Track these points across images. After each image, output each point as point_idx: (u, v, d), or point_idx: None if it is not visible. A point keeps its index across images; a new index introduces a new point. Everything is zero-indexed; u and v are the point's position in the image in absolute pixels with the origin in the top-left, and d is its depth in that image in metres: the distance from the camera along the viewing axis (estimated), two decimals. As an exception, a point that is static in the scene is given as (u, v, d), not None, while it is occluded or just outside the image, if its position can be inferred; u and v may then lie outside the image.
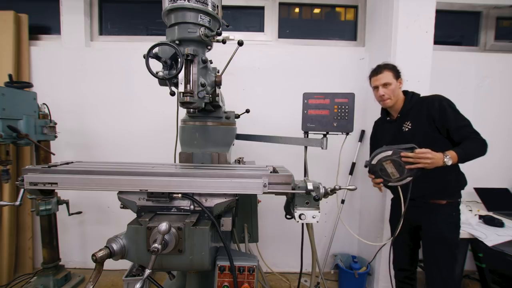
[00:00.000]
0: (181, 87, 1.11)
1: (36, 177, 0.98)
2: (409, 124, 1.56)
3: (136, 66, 2.38)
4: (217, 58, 1.51)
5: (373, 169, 1.39)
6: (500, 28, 2.61)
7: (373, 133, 1.86)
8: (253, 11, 2.62)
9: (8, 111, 1.74)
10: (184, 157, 1.47)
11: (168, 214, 1.00)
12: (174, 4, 1.10)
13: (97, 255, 0.83)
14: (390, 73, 1.57)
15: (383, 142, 1.59)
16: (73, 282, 2.18)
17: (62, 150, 2.39)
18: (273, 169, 1.15)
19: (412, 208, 1.54)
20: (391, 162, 1.33)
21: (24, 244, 2.44)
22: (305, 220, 1.02)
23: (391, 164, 1.33)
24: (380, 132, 1.78)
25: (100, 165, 1.20)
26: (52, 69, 2.43)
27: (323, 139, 1.50)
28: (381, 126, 1.78)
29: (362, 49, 2.55)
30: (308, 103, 1.56)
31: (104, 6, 2.60)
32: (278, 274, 2.55)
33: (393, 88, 1.57)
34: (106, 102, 2.47)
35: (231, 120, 1.59)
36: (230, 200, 1.02)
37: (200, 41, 1.14)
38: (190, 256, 0.92)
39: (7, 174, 1.79)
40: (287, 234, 2.56)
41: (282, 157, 2.43)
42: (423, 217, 1.58)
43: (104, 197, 2.48)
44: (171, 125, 1.73)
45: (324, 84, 2.49)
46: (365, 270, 2.27)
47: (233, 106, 1.81)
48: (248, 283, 0.98)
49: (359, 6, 2.59)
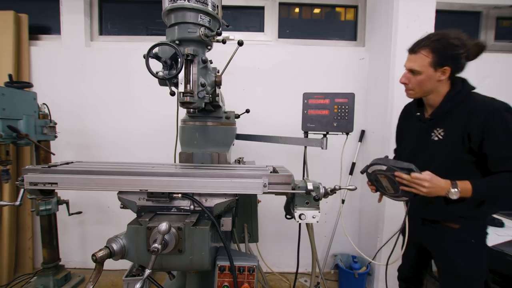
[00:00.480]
0: (181, 87, 1.11)
1: (36, 177, 0.98)
2: (441, 133, 1.17)
3: (136, 66, 2.38)
4: (217, 58, 1.51)
5: (368, 177, 1.28)
6: (500, 28, 2.61)
7: (398, 124, 1.50)
8: (253, 11, 2.62)
9: (8, 111, 1.74)
10: (184, 157, 1.47)
11: (168, 214, 1.00)
12: (174, 4, 1.10)
13: (97, 255, 0.84)
14: (427, 58, 1.12)
15: (406, 141, 1.35)
16: (73, 282, 2.18)
17: (62, 150, 2.38)
18: (273, 169, 1.15)
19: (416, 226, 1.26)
20: (386, 178, 1.19)
21: (24, 244, 2.44)
22: (305, 220, 1.02)
23: (385, 179, 1.19)
24: (406, 126, 1.41)
25: (100, 165, 1.20)
26: (52, 69, 2.43)
27: (323, 139, 1.50)
28: (410, 117, 1.38)
29: (362, 49, 2.55)
30: (308, 103, 1.56)
31: (104, 6, 2.60)
32: (278, 274, 2.55)
33: (422, 80, 1.15)
34: (106, 102, 2.47)
35: (231, 120, 1.59)
36: (230, 200, 1.02)
37: (200, 41, 1.14)
38: (190, 256, 0.92)
39: (7, 174, 1.79)
40: (287, 234, 2.55)
41: (282, 157, 2.43)
42: (431, 240, 1.28)
43: (104, 197, 2.48)
44: (171, 125, 1.73)
45: (324, 84, 2.49)
46: (365, 270, 2.27)
47: (233, 106, 1.81)
48: (248, 283, 0.99)
49: (359, 6, 2.59)
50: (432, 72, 1.13)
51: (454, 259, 1.18)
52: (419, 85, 1.18)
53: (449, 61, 1.12)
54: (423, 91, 1.19)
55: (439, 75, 1.13)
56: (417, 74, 1.16)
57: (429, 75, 1.14)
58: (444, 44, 1.11)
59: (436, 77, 1.14)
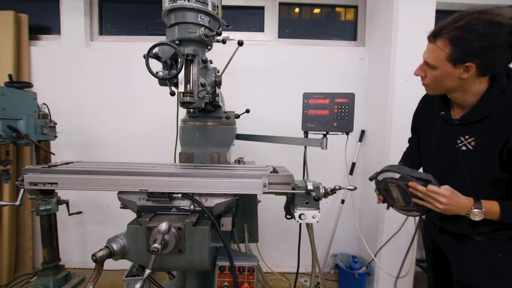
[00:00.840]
0: (181, 87, 1.11)
1: (36, 177, 0.98)
2: (471, 142, 0.96)
3: (136, 66, 2.38)
4: (217, 58, 1.51)
5: (377, 185, 1.14)
6: (500, 28, 2.61)
7: (417, 111, 1.26)
8: (253, 11, 2.62)
9: (8, 111, 1.74)
10: (184, 157, 1.47)
11: (168, 214, 1.00)
12: (174, 4, 1.10)
13: (97, 255, 0.83)
14: (443, 51, 0.88)
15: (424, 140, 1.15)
16: (73, 282, 2.18)
17: (62, 150, 2.38)
18: (273, 169, 1.15)
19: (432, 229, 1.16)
20: (397, 187, 1.05)
21: (24, 244, 2.44)
22: (305, 220, 1.02)
23: (397, 189, 1.05)
24: (425, 123, 1.17)
25: (100, 165, 1.20)
26: (52, 69, 2.43)
27: (323, 139, 1.50)
28: (432, 111, 1.13)
29: (362, 49, 2.55)
30: (308, 103, 1.56)
31: (104, 6, 2.60)
32: (278, 274, 2.55)
33: (438, 76, 0.93)
34: (106, 102, 2.47)
35: (231, 120, 1.59)
36: (230, 200, 1.02)
37: (200, 41, 1.14)
38: (190, 256, 0.92)
39: (7, 174, 1.79)
40: (287, 234, 2.55)
41: (282, 157, 2.43)
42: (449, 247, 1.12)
43: (104, 197, 2.48)
44: (171, 125, 1.73)
45: (324, 84, 2.49)
46: (365, 270, 2.27)
47: (233, 106, 1.81)
48: (248, 283, 0.98)
49: (359, 6, 2.59)
50: (450, 68, 0.89)
51: (475, 272, 1.02)
52: (435, 81, 0.96)
53: (474, 56, 0.84)
54: (441, 88, 0.97)
55: (460, 73, 0.88)
56: (432, 69, 0.94)
57: (446, 71, 0.90)
58: (467, 34, 0.83)
59: (456, 75, 0.89)
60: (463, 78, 0.89)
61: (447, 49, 0.87)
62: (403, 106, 2.03)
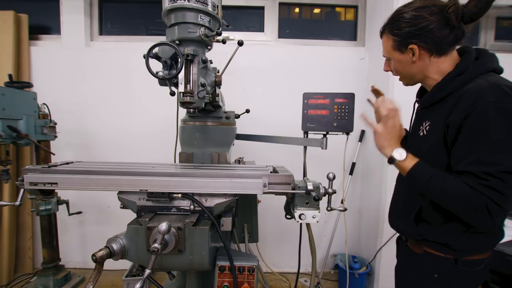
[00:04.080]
0: (181, 87, 1.11)
1: (36, 177, 0.98)
2: (427, 126, 0.93)
3: (136, 66, 2.38)
4: (217, 58, 1.51)
5: None
6: (500, 28, 2.61)
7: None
8: (253, 11, 2.62)
9: (8, 111, 1.74)
10: (184, 157, 1.47)
11: (168, 214, 1.00)
12: (174, 4, 1.10)
13: (97, 255, 0.84)
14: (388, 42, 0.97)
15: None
16: (73, 282, 2.18)
17: (62, 150, 2.38)
18: (273, 169, 1.15)
19: None
20: None
21: (24, 244, 2.44)
22: (305, 220, 1.02)
23: None
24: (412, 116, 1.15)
25: (100, 165, 1.20)
26: (52, 69, 2.43)
27: (323, 139, 1.50)
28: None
29: (362, 49, 2.55)
30: (308, 103, 1.55)
31: (104, 6, 2.60)
32: (278, 274, 2.55)
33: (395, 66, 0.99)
34: (106, 102, 2.47)
35: (231, 120, 1.59)
36: (230, 200, 1.02)
37: (200, 41, 1.14)
38: (190, 256, 0.92)
39: (7, 174, 1.79)
40: (287, 234, 2.55)
41: (282, 157, 2.43)
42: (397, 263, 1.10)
43: (104, 197, 2.48)
44: (171, 125, 1.73)
45: (324, 84, 2.49)
46: (365, 270, 2.27)
47: (233, 106, 1.81)
48: (248, 283, 0.99)
49: (359, 6, 2.59)
50: (400, 55, 0.94)
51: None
52: (398, 72, 1.00)
53: (411, 38, 0.89)
54: (408, 78, 1.01)
55: (410, 57, 0.91)
56: (390, 61, 1.01)
57: (398, 59, 0.95)
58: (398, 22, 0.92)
59: (408, 60, 0.92)
60: (415, 61, 0.92)
61: (390, 40, 0.96)
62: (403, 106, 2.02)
